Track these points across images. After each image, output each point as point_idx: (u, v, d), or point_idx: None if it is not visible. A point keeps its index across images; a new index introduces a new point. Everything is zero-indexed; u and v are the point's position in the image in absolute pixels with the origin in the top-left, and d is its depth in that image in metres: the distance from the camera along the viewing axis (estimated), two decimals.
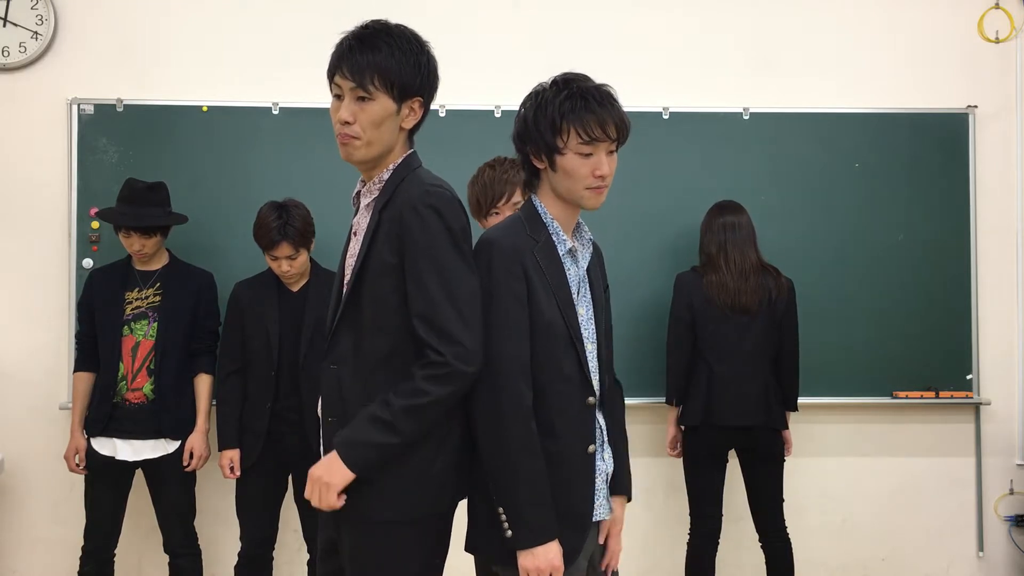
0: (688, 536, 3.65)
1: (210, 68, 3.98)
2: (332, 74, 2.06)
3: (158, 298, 3.48)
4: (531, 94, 2.11)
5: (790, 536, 3.61)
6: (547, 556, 1.97)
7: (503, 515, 1.98)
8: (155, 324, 3.45)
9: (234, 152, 3.90)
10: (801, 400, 3.67)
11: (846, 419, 4.10)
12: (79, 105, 3.87)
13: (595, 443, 2.11)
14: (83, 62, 3.95)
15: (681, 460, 3.68)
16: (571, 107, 2.03)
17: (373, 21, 2.07)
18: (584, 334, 2.11)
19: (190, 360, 3.51)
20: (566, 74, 2.10)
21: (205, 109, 3.90)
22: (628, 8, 4.11)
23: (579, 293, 2.14)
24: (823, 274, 4.00)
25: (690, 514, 3.65)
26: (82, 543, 3.49)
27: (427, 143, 2.27)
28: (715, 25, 4.13)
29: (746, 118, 4.04)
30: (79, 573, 3.48)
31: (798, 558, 3.63)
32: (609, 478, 2.17)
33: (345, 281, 2.09)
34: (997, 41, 4.19)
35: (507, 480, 1.98)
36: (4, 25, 3.92)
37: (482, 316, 1.99)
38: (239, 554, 3.49)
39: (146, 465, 3.46)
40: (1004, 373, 4.14)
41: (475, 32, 4.05)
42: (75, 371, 3.55)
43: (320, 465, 1.99)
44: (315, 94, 3.25)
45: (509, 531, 1.98)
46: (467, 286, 1.98)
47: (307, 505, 3.34)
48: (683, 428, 3.66)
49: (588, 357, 2.10)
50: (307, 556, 3.57)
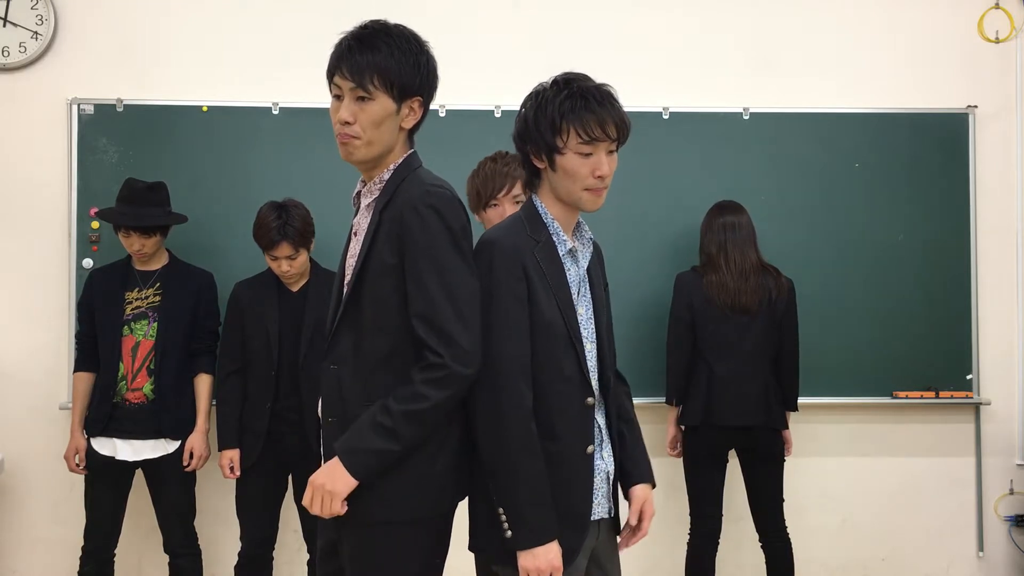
0: (688, 536, 3.65)
1: (210, 68, 3.98)
2: (331, 74, 2.06)
3: (158, 298, 3.48)
4: (532, 94, 2.11)
5: (790, 536, 3.61)
6: (547, 556, 1.97)
7: (503, 515, 1.98)
8: (155, 324, 3.45)
9: (234, 152, 3.90)
10: (801, 400, 3.67)
11: (846, 419, 4.10)
12: (79, 105, 3.87)
13: (594, 443, 2.11)
14: (83, 62, 3.95)
15: (681, 460, 3.68)
16: (571, 107, 2.02)
17: (372, 21, 2.06)
18: (584, 334, 2.11)
19: (190, 360, 3.51)
20: (567, 74, 2.10)
21: (205, 109, 3.90)
22: (628, 8, 4.11)
23: (579, 293, 2.13)
24: (823, 274, 4.00)
25: (690, 514, 3.65)
26: (82, 543, 3.49)
27: (427, 143, 2.27)
28: (715, 25, 4.13)
29: (746, 118, 4.04)
30: (79, 573, 3.49)
31: (798, 558, 3.63)
32: (610, 477, 2.17)
33: (345, 281, 2.09)
34: (997, 41, 4.19)
35: (507, 480, 1.98)
36: (4, 25, 3.92)
37: (482, 316, 1.99)
38: (239, 554, 3.49)
39: (146, 465, 3.46)
40: (1004, 373, 4.14)
41: (475, 32, 4.05)
42: (75, 371, 3.56)
43: (321, 473, 1.98)
44: (315, 94, 3.25)
45: (509, 531, 1.98)
46: (467, 287, 1.98)
47: None
48: (683, 428, 3.66)
49: (588, 357, 2.10)
50: (307, 556, 3.57)
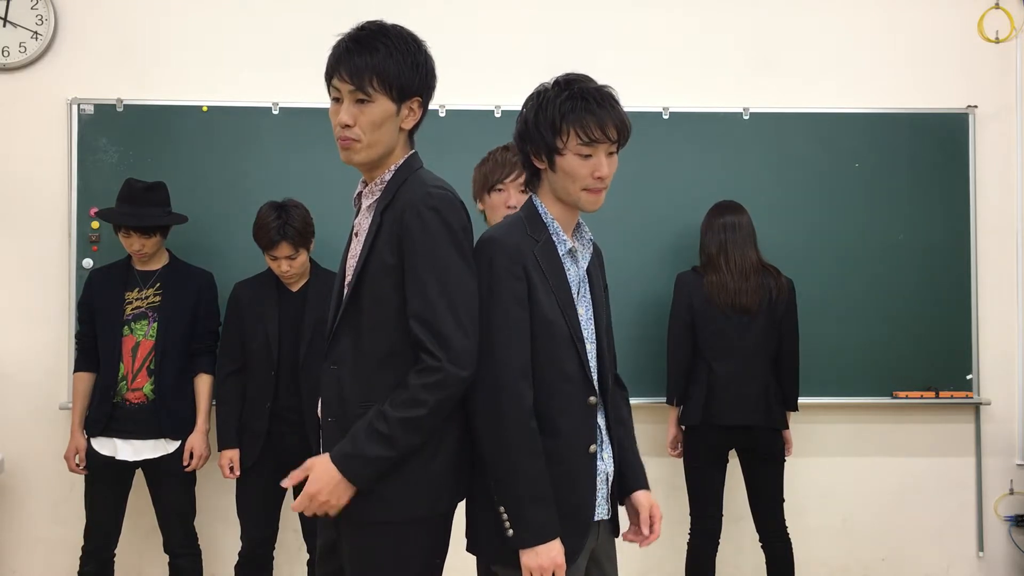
0: (688, 536, 3.65)
1: (210, 68, 3.98)
2: (329, 77, 2.05)
3: (158, 298, 3.48)
4: (533, 94, 2.11)
5: (790, 536, 3.61)
6: (550, 554, 1.97)
7: (504, 514, 1.98)
8: (155, 324, 3.45)
9: (234, 152, 3.90)
10: (801, 400, 3.67)
11: (846, 419, 4.10)
12: (79, 105, 3.87)
13: (596, 443, 2.11)
14: (83, 62, 3.95)
15: (681, 460, 3.68)
16: (571, 108, 2.02)
17: (369, 22, 2.06)
18: (584, 334, 2.11)
19: (190, 360, 3.51)
20: (568, 75, 2.09)
21: (205, 109, 3.90)
22: (628, 8, 4.11)
23: (579, 293, 2.13)
24: (823, 274, 3.99)
25: (690, 514, 3.65)
26: (82, 543, 3.49)
27: (427, 143, 2.26)
28: (715, 25, 4.13)
29: (746, 118, 4.04)
30: (79, 573, 3.49)
31: (798, 558, 3.63)
32: (609, 478, 2.17)
33: (346, 282, 2.09)
34: (997, 41, 4.19)
35: (508, 479, 1.98)
36: (4, 25, 3.92)
37: (482, 315, 1.99)
38: (239, 554, 3.49)
39: (146, 465, 3.46)
40: (1004, 373, 4.14)
41: (475, 32, 4.04)
42: (75, 371, 3.56)
43: (319, 481, 1.97)
44: (315, 94, 3.24)
45: (510, 530, 1.98)
46: (466, 288, 1.98)
47: None
48: (683, 428, 3.66)
49: (588, 357, 2.10)
50: (307, 556, 3.57)
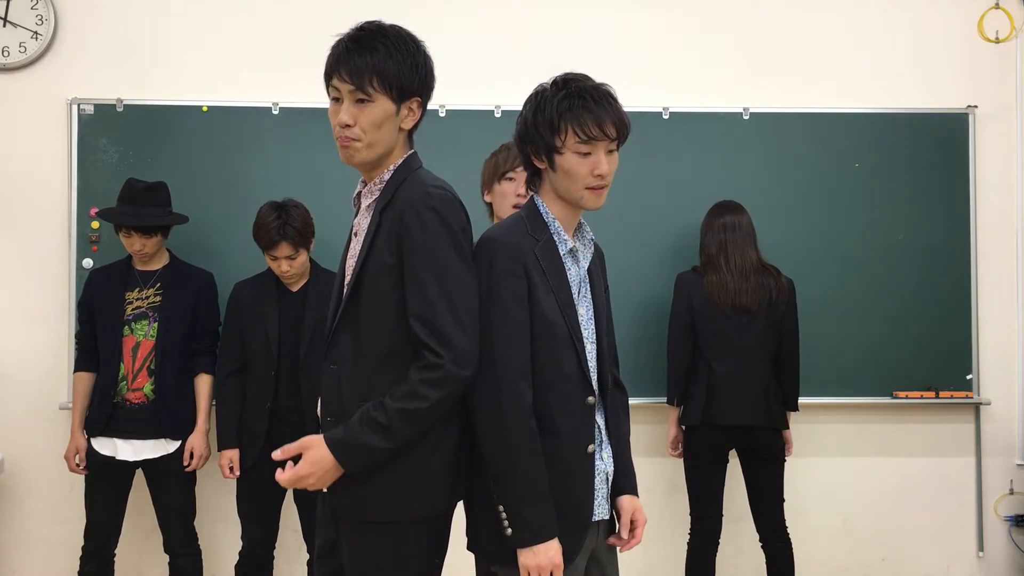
0: (688, 536, 3.65)
1: (210, 68, 3.98)
2: (329, 77, 2.05)
3: (158, 298, 3.48)
4: (532, 94, 2.11)
5: (790, 536, 3.61)
6: (548, 554, 1.97)
7: (503, 513, 1.98)
8: (155, 324, 3.45)
9: (234, 152, 3.90)
10: (801, 400, 3.67)
11: (846, 419, 4.10)
12: (79, 105, 3.87)
13: (595, 443, 2.11)
14: (83, 62, 3.95)
15: (682, 460, 3.68)
16: (569, 106, 2.03)
17: (368, 22, 2.06)
18: (584, 334, 2.11)
19: (190, 360, 3.51)
20: (566, 74, 2.10)
21: (205, 109, 3.90)
22: (628, 8, 4.11)
23: (579, 293, 2.13)
24: (823, 274, 3.99)
25: (690, 514, 3.65)
26: (82, 543, 3.49)
27: (427, 143, 2.27)
28: (715, 25, 4.13)
29: (746, 118, 4.04)
30: (79, 573, 3.49)
31: (798, 558, 3.63)
32: (609, 478, 2.17)
33: (345, 282, 2.09)
34: (997, 41, 4.19)
35: (507, 478, 1.98)
36: (4, 25, 3.92)
37: (482, 314, 1.99)
38: (239, 554, 3.50)
39: (146, 465, 3.46)
40: (1004, 373, 4.14)
41: (475, 32, 4.04)
42: (75, 371, 3.56)
43: (312, 464, 1.95)
44: (315, 94, 3.23)
45: (509, 529, 1.98)
46: (466, 287, 1.98)
47: (307, 505, 3.37)
48: (684, 428, 3.66)
49: (588, 357, 2.10)
50: (307, 556, 3.57)
